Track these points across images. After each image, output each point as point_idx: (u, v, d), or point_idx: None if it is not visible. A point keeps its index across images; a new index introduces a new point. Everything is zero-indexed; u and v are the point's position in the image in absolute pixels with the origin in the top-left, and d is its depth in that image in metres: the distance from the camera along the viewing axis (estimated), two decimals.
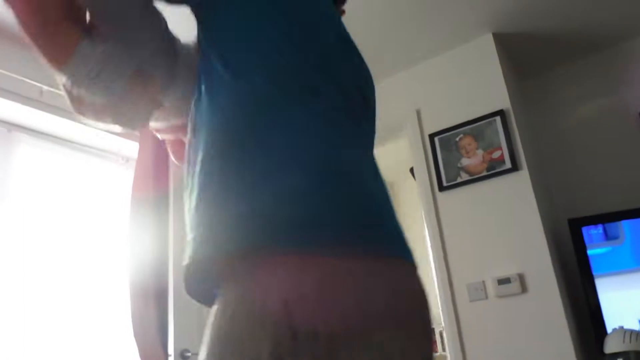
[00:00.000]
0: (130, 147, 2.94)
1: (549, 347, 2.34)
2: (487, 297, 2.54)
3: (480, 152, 2.72)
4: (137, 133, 1.48)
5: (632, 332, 2.21)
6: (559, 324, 2.34)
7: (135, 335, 1.47)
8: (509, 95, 2.75)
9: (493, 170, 2.66)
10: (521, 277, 2.46)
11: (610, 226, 2.55)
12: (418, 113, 2.99)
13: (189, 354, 2.50)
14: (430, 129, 2.93)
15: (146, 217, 1.53)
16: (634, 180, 2.85)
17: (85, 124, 2.48)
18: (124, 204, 2.80)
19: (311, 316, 0.59)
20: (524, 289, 2.45)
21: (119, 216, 2.88)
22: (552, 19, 2.78)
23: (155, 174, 1.35)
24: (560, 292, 2.40)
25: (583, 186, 2.98)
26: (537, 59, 3.15)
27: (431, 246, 2.78)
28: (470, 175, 2.72)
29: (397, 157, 4.41)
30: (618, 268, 2.49)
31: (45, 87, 2.50)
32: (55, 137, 2.78)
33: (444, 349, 4.12)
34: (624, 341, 2.18)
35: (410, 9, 2.59)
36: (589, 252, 2.52)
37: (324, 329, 0.59)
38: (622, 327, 2.29)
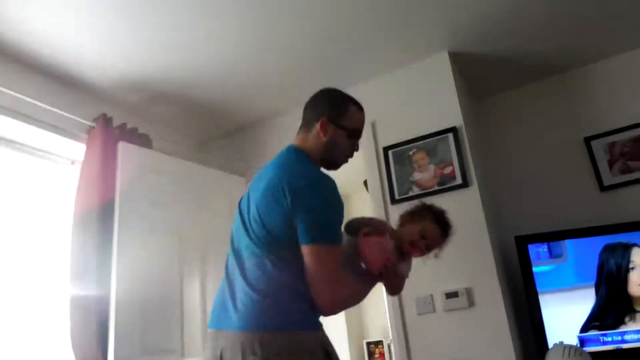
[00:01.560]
0: (77, 150, 2.82)
1: (493, 359, 2.37)
2: (434, 311, 2.56)
3: (432, 167, 2.76)
4: (84, 135, 1.52)
5: (571, 347, 2.27)
6: (504, 338, 2.38)
7: (74, 347, 1.40)
8: (462, 113, 2.81)
9: (444, 186, 2.70)
10: (469, 292, 2.50)
11: (555, 245, 2.63)
12: (373, 126, 3.01)
13: None
14: (384, 142, 2.95)
15: (90, 228, 1.47)
16: (578, 202, 2.96)
17: (29, 124, 2.32)
18: (68, 207, 2.68)
19: None
20: (471, 303, 2.49)
21: (63, 219, 2.76)
22: (508, 42, 2.86)
23: (102, 177, 1.35)
24: (506, 307, 2.45)
25: (530, 205, 3.07)
26: (490, 80, 3.24)
27: None
28: (422, 190, 2.75)
29: (352, 169, 4.42)
30: (561, 285, 2.57)
31: None
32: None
33: None
34: (563, 356, 2.24)
35: (369, 23, 2.61)
36: (534, 269, 2.59)
37: None
38: (562, 342, 2.36)
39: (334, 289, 1.37)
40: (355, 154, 3.34)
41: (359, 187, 4.54)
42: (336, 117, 1.61)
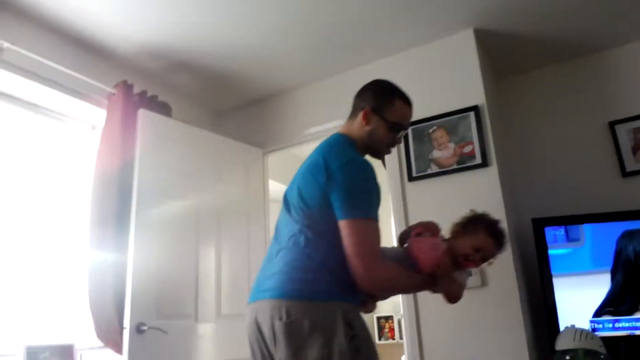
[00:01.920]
0: (98, 115, 2.85)
1: (504, 340, 2.39)
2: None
3: (452, 145, 2.74)
4: (105, 100, 1.56)
5: (582, 331, 2.26)
6: (515, 319, 2.38)
7: (92, 309, 1.45)
8: (485, 92, 2.76)
9: (463, 165, 2.68)
10: (482, 271, 2.49)
11: (572, 228, 2.60)
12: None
13: (145, 327, 2.46)
14: None
15: (109, 192, 1.50)
16: (598, 186, 2.91)
17: (52, 88, 2.35)
18: (89, 171, 2.72)
19: None
20: (484, 282, 2.49)
21: (84, 183, 2.80)
22: (533, 22, 2.79)
23: (122, 143, 1.39)
24: (519, 288, 2.45)
25: (549, 188, 3.03)
26: (515, 59, 3.17)
27: (396, 235, 2.79)
28: (440, 168, 2.73)
29: None
30: (576, 269, 2.56)
31: (5, 44, 2.37)
32: (20, 99, 2.66)
33: (401, 337, 4.18)
34: (574, 339, 2.24)
35: (390, 2, 2.57)
36: (550, 252, 2.57)
37: None
38: (573, 326, 2.35)
39: (367, 263, 1.42)
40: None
41: (376, 164, 4.53)
42: (380, 108, 1.66)
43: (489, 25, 2.81)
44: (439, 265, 1.59)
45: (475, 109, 2.72)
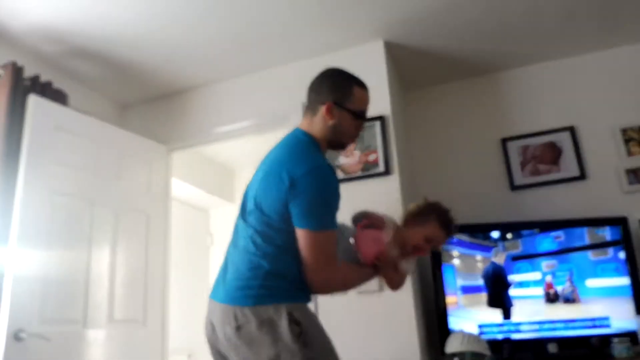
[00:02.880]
0: None
1: (397, 342, 2.46)
2: (346, 293, 2.60)
3: (357, 153, 2.80)
4: None
5: (470, 335, 2.40)
6: (409, 323, 2.47)
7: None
8: (391, 102, 2.85)
9: (367, 172, 2.74)
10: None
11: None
12: (303, 106, 2.98)
13: (24, 335, 2.25)
14: None
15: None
16: (490, 198, 3.11)
17: None
18: None
19: None
20: (381, 287, 2.55)
21: None
22: (441, 39, 2.93)
23: (6, 132, 1.37)
24: (414, 293, 2.54)
25: (448, 197, 3.17)
26: (422, 73, 3.32)
27: None
28: (346, 174, 2.78)
29: None
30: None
31: None
32: None
33: None
34: (462, 343, 2.37)
35: (306, 4, 2.58)
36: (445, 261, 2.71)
37: None
38: (462, 330, 2.49)
39: (324, 275, 1.47)
40: (284, 132, 3.34)
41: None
42: (341, 100, 1.60)
43: (399, 38, 2.92)
44: (379, 258, 1.62)
45: (381, 119, 2.80)
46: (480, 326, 2.61)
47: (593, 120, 3.12)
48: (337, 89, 1.62)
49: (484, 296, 2.68)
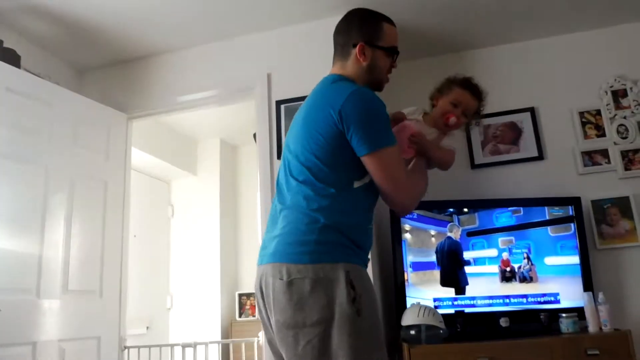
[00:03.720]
0: None
1: None
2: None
3: None
4: None
5: (425, 307, 2.46)
6: None
7: None
8: None
9: None
10: None
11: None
12: (269, 77, 2.95)
13: None
14: (278, 95, 2.91)
15: None
16: (450, 176, 3.15)
17: None
18: None
19: None
20: None
21: None
22: (408, 15, 2.92)
23: None
24: (373, 267, 2.58)
25: None
26: None
27: (261, 212, 2.78)
28: None
29: (242, 120, 4.34)
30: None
31: None
32: None
33: None
34: (417, 315, 2.43)
35: None
36: (404, 236, 2.75)
37: None
38: (418, 303, 2.55)
39: (403, 187, 1.44)
40: (248, 104, 3.28)
41: (248, 140, 4.48)
42: (372, 39, 1.55)
43: None
44: (415, 142, 1.59)
45: None
46: (434, 299, 2.67)
47: (553, 103, 3.19)
48: (367, 28, 1.56)
49: (436, 274, 2.72)
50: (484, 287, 2.70)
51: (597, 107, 3.11)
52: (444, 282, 2.70)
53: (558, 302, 2.66)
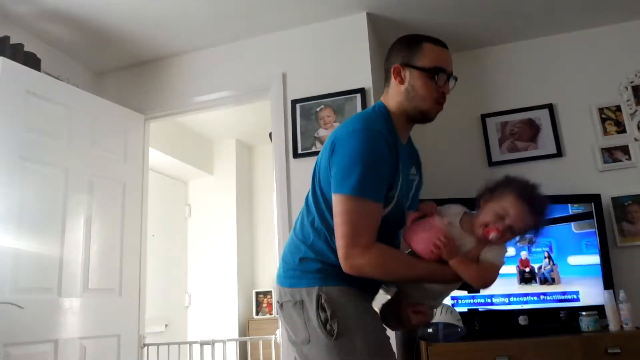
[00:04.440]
0: None
1: None
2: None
3: (337, 125, 2.78)
4: None
5: (443, 305, 2.45)
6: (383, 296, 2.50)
7: None
8: (372, 75, 2.83)
9: None
10: None
11: None
12: (284, 77, 2.96)
13: None
14: (293, 95, 2.92)
15: None
16: (467, 174, 3.14)
17: None
18: None
19: None
20: None
21: None
22: (424, 12, 2.90)
23: None
24: None
25: (426, 171, 3.20)
26: None
27: (278, 211, 2.80)
28: None
29: (258, 120, 4.36)
30: None
31: None
32: None
33: (277, 312, 4.22)
34: (440, 314, 2.42)
35: None
36: None
37: None
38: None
39: (348, 248, 1.26)
40: (264, 104, 3.27)
41: (264, 140, 4.50)
42: (409, 59, 1.42)
43: (382, 10, 2.88)
44: (437, 246, 1.29)
45: (361, 91, 2.78)
46: (452, 297, 2.66)
47: (571, 99, 3.15)
48: (405, 49, 1.45)
49: None
50: (501, 289, 2.64)
51: (617, 103, 3.07)
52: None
53: (578, 300, 2.63)
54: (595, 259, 2.66)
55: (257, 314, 4.58)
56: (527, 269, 2.65)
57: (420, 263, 1.31)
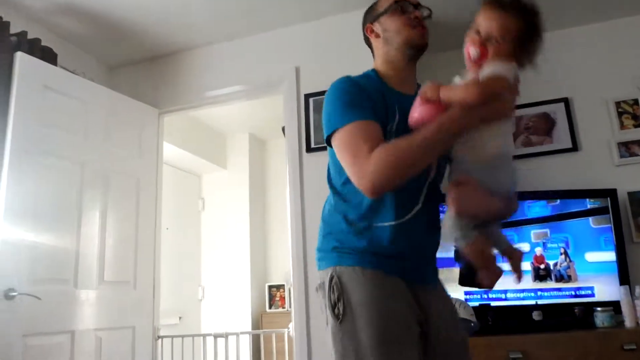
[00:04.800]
0: None
1: None
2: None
3: None
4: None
5: (456, 300, 2.44)
6: None
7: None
8: None
9: None
10: None
11: None
12: (297, 71, 2.96)
13: (15, 293, 2.26)
14: (306, 89, 2.92)
15: None
16: None
17: None
18: None
19: None
20: None
21: None
22: (436, 7, 2.86)
23: None
24: None
25: None
26: None
27: (290, 205, 2.80)
28: None
29: (271, 114, 4.36)
30: None
31: None
32: None
33: (290, 306, 4.26)
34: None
35: None
36: None
37: None
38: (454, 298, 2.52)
39: (362, 163, 1.19)
40: (276, 98, 3.25)
41: (276, 133, 4.51)
42: (373, 15, 1.48)
43: None
44: (424, 91, 1.21)
45: None
46: (465, 292, 2.65)
47: (587, 93, 3.11)
48: (368, 12, 1.52)
49: (455, 272, 2.63)
50: (514, 288, 2.59)
51: (634, 96, 3.02)
52: (464, 281, 2.56)
53: (593, 295, 2.60)
54: (611, 255, 2.62)
55: (270, 307, 4.61)
56: (542, 266, 2.61)
57: (425, 128, 1.18)
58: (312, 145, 2.80)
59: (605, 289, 2.59)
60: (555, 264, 2.59)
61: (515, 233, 2.67)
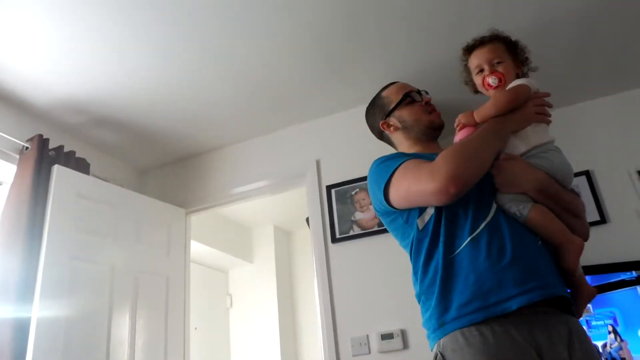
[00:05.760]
0: (6, 171, 2.69)
1: None
2: (370, 352, 2.55)
3: (372, 207, 2.81)
4: (16, 155, 1.35)
5: None
6: None
7: None
8: None
9: (383, 227, 2.74)
10: (403, 333, 2.51)
11: None
12: (318, 163, 3.05)
13: None
14: (328, 180, 2.99)
15: (14, 250, 1.31)
16: None
17: None
18: None
19: None
20: (405, 344, 2.50)
21: None
22: (447, 92, 3.00)
23: (32, 201, 1.21)
24: None
25: None
26: None
27: (319, 297, 2.77)
28: (362, 229, 2.78)
29: (295, 206, 4.43)
30: None
31: None
32: None
33: None
34: None
35: (320, 63, 2.68)
36: None
37: None
38: None
39: (428, 172, 1.23)
40: (299, 191, 3.32)
41: (301, 225, 4.54)
42: (384, 111, 1.63)
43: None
44: (459, 120, 1.43)
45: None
46: None
47: (608, 164, 3.10)
48: (375, 109, 1.67)
49: None
50: None
51: None
52: None
53: None
54: None
55: None
56: None
57: (476, 132, 1.35)
58: (337, 236, 2.82)
59: None
60: (604, 346, 2.27)
61: None
